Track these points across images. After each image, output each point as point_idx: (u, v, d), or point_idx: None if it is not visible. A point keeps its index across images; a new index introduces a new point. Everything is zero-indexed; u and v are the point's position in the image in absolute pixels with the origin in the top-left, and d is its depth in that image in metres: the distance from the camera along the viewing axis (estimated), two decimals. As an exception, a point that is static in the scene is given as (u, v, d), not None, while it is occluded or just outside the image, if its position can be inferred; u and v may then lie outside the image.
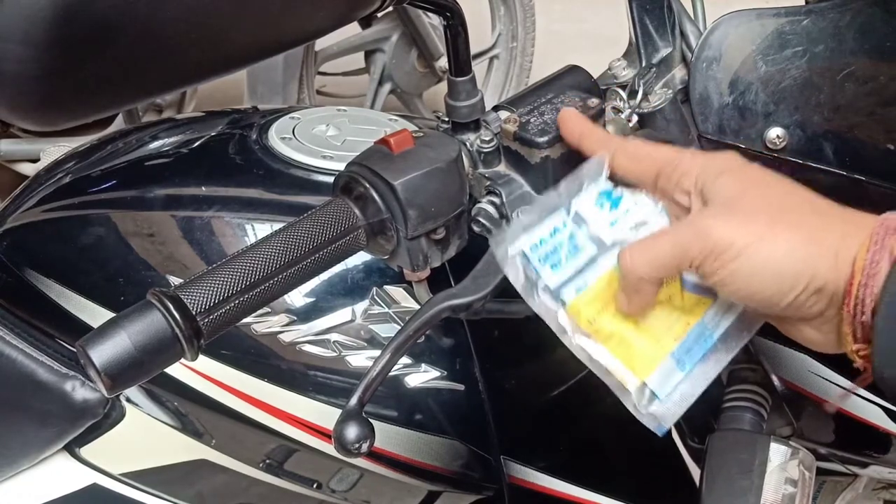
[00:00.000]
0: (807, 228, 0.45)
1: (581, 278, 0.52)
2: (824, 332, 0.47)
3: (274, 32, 0.47)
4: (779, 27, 0.59)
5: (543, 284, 0.52)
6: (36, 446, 0.76)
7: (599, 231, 0.53)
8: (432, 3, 0.57)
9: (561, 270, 0.52)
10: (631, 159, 0.53)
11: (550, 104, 0.59)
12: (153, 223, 0.73)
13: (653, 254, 0.47)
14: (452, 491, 0.74)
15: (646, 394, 0.50)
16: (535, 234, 0.53)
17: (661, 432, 0.50)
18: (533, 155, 0.56)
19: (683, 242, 0.46)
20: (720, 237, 0.45)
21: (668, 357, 0.51)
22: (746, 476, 0.61)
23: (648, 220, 0.53)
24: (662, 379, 0.51)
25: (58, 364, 0.74)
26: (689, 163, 0.51)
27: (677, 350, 0.51)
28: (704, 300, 0.52)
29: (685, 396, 0.51)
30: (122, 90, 0.43)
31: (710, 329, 0.52)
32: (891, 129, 0.57)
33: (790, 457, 0.63)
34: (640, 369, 0.51)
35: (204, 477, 0.75)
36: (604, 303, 0.52)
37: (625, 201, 0.54)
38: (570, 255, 0.53)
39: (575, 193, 0.54)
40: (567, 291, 0.52)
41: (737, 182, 0.48)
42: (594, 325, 0.51)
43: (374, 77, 2.41)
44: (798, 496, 0.62)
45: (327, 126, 0.79)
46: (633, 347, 0.51)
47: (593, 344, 0.51)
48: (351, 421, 0.49)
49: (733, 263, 0.45)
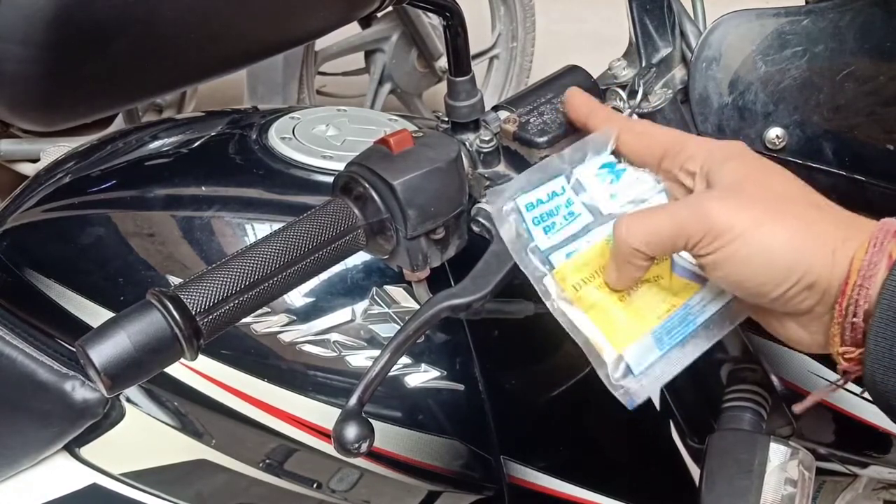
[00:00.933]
0: (806, 221, 0.45)
1: (572, 244, 0.52)
2: (811, 331, 0.46)
3: (274, 32, 0.47)
4: (779, 27, 0.59)
5: (534, 245, 0.52)
6: (36, 446, 0.76)
7: (598, 201, 0.53)
8: (432, 3, 0.57)
9: (553, 234, 0.52)
10: (637, 138, 0.53)
11: (550, 104, 0.59)
12: (153, 223, 0.73)
13: (650, 227, 0.47)
14: (452, 491, 0.74)
15: (621, 367, 0.50)
16: (532, 194, 0.52)
17: (631, 406, 0.50)
18: (532, 155, 0.56)
19: (682, 219, 0.46)
20: (719, 218, 0.45)
21: (647, 334, 0.51)
22: (746, 476, 0.62)
23: (648, 198, 0.53)
24: (639, 354, 0.50)
25: (58, 364, 0.74)
26: (695, 147, 0.51)
27: (658, 329, 0.51)
28: (692, 285, 0.52)
29: (659, 376, 0.51)
30: (122, 90, 0.43)
31: (693, 314, 0.52)
32: (891, 129, 0.57)
33: (790, 457, 0.63)
34: (618, 341, 0.50)
35: (204, 477, 0.75)
36: (591, 272, 0.51)
37: (626, 176, 0.53)
38: (564, 221, 0.52)
39: (578, 162, 0.54)
40: (556, 256, 0.52)
41: (741, 168, 0.48)
42: (579, 292, 0.51)
43: (374, 77, 2.41)
44: (798, 496, 0.62)
45: (327, 126, 0.79)
46: (614, 319, 0.51)
47: (575, 310, 0.51)
48: (350, 421, 0.49)
49: (729, 247, 0.45)
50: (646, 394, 0.50)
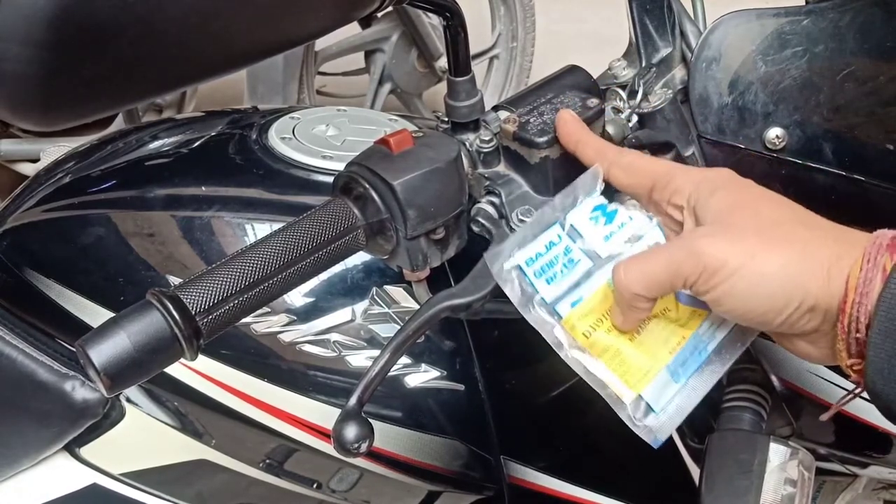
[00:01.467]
0: (798, 245, 0.45)
1: (576, 292, 0.52)
2: (819, 347, 0.47)
3: (274, 32, 0.47)
4: (779, 27, 0.59)
5: (539, 298, 0.52)
6: (36, 446, 0.76)
7: (594, 245, 0.53)
8: (432, 3, 0.57)
9: (556, 284, 0.52)
10: (626, 171, 0.54)
11: (550, 104, 0.59)
12: (153, 223, 0.73)
13: (646, 271, 0.48)
14: (452, 491, 0.74)
15: (641, 406, 0.51)
16: (530, 249, 0.53)
17: (657, 444, 0.50)
18: (532, 155, 0.56)
19: (677, 261, 0.46)
20: (712, 256, 0.45)
21: (663, 370, 0.51)
22: (746, 476, 0.62)
23: (643, 234, 0.53)
24: (658, 391, 0.51)
25: (58, 364, 0.74)
26: (682, 178, 0.51)
27: (672, 363, 0.51)
28: (699, 312, 0.52)
29: (680, 409, 0.51)
30: (122, 90, 0.43)
31: (704, 341, 0.52)
32: (891, 129, 0.57)
33: (790, 457, 0.63)
34: (635, 382, 0.51)
35: (204, 477, 0.75)
36: (599, 316, 0.52)
37: (619, 215, 0.54)
38: (565, 269, 0.53)
39: (570, 207, 0.54)
40: (562, 305, 0.52)
41: (729, 199, 0.48)
42: (590, 338, 0.51)
43: (374, 77, 2.41)
44: (797, 496, 0.62)
45: (327, 126, 0.79)
46: (628, 361, 0.51)
47: (589, 358, 0.51)
48: (350, 421, 0.49)
49: (726, 282, 0.45)
50: (670, 429, 0.51)
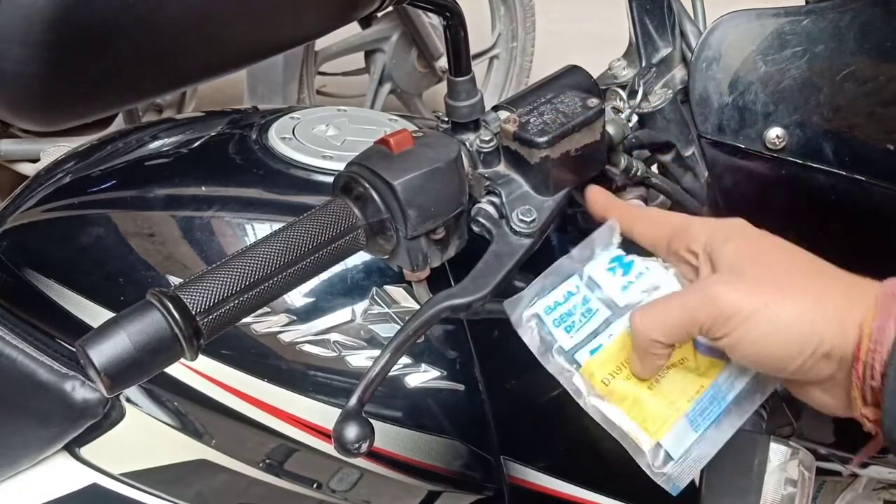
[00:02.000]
0: (812, 293, 0.46)
1: (595, 340, 0.53)
2: (834, 396, 0.47)
3: (274, 32, 0.47)
4: (779, 27, 0.59)
5: (558, 346, 0.53)
6: (36, 446, 0.76)
7: (612, 294, 0.54)
8: (432, 3, 0.57)
9: (575, 333, 0.53)
10: (647, 225, 0.55)
11: (550, 104, 0.59)
12: (153, 223, 0.73)
13: (663, 317, 0.48)
14: (452, 491, 0.74)
15: (660, 455, 0.51)
16: (549, 297, 0.54)
17: (675, 492, 0.51)
18: (532, 155, 0.56)
19: (692, 307, 0.47)
20: (727, 303, 0.46)
21: (682, 418, 0.51)
22: (746, 476, 0.62)
23: (660, 285, 0.54)
24: (677, 439, 0.51)
25: (58, 364, 0.74)
26: (698, 227, 0.52)
27: (691, 411, 0.51)
28: (717, 362, 0.52)
29: (699, 457, 0.51)
30: (122, 90, 0.42)
31: (723, 391, 0.52)
32: (891, 129, 0.57)
33: (790, 457, 0.63)
34: (654, 430, 0.51)
35: (204, 477, 0.75)
36: (618, 364, 0.52)
37: (636, 266, 0.54)
38: (583, 318, 0.54)
39: (587, 259, 0.55)
40: (581, 353, 0.53)
41: (743, 247, 0.49)
42: (608, 386, 0.52)
43: (374, 77, 2.41)
44: (798, 496, 0.62)
45: (327, 126, 0.79)
46: (647, 409, 0.51)
47: (608, 405, 0.52)
48: (351, 421, 0.49)
49: (740, 329, 0.46)
50: (688, 477, 0.51)
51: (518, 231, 0.56)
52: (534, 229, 0.55)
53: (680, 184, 0.69)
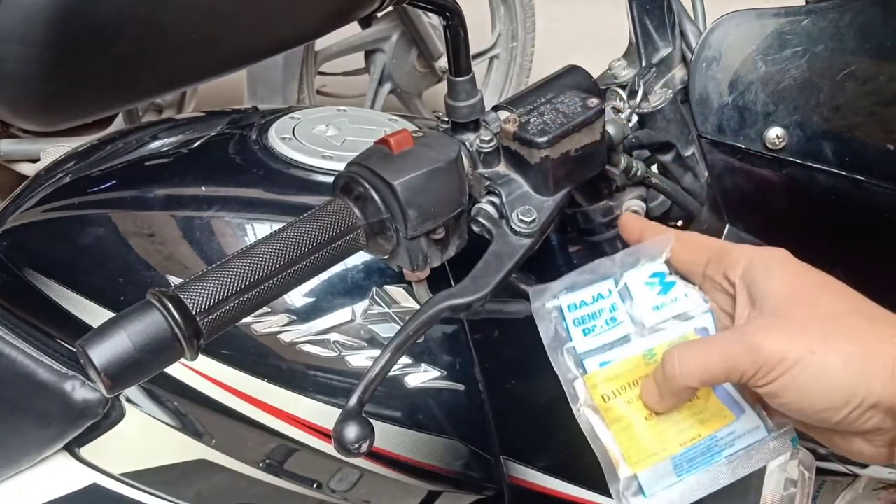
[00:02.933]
0: (860, 341, 0.44)
1: (609, 353, 0.52)
2: (876, 445, 0.46)
3: (274, 32, 0.47)
4: (779, 27, 0.59)
5: (571, 346, 0.52)
6: (36, 446, 0.76)
7: (642, 311, 0.53)
8: (432, 3, 0.57)
9: (592, 338, 0.52)
10: (684, 247, 0.53)
11: (550, 104, 0.59)
12: (153, 223, 0.73)
13: (702, 363, 0.46)
14: (452, 491, 0.74)
15: (633, 486, 0.50)
16: (577, 295, 0.53)
17: None
18: (532, 155, 0.56)
19: (734, 355, 0.45)
20: (771, 351, 0.44)
21: (668, 459, 0.50)
22: (746, 476, 0.62)
23: (694, 316, 0.52)
24: (654, 478, 0.50)
25: (58, 364, 0.74)
26: (737, 253, 0.50)
27: (679, 456, 0.50)
28: (727, 414, 0.51)
29: (671, 501, 0.50)
30: (122, 90, 0.43)
31: (720, 446, 0.50)
32: (891, 129, 0.57)
33: (790, 457, 0.63)
34: (636, 461, 0.50)
35: (204, 477, 0.75)
36: (623, 384, 0.51)
37: (676, 289, 0.53)
38: (605, 326, 0.52)
39: (629, 267, 0.54)
40: (591, 361, 0.52)
41: (786, 285, 0.47)
42: (607, 403, 0.51)
43: (374, 77, 2.41)
44: (798, 496, 0.62)
45: (327, 126, 0.79)
46: (637, 438, 0.50)
47: (600, 421, 0.51)
48: (351, 421, 0.49)
49: (784, 377, 0.44)
50: None
51: (518, 231, 0.55)
52: (534, 229, 0.55)
53: (680, 184, 0.69)
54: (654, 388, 0.49)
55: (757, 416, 0.51)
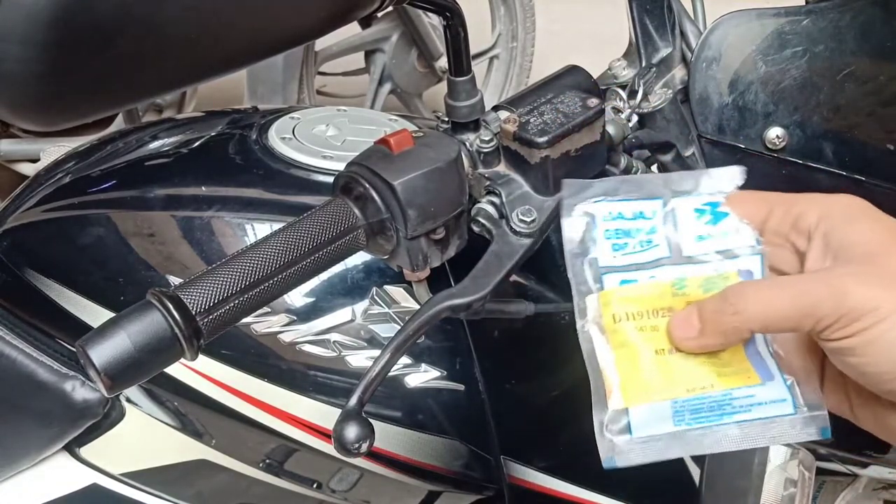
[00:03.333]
0: None
1: (633, 273, 0.47)
2: None
3: (274, 32, 0.47)
4: (779, 27, 0.59)
5: (594, 257, 0.48)
6: (36, 446, 0.76)
7: (683, 238, 0.48)
8: (432, 3, 0.57)
9: (620, 255, 0.47)
10: (741, 200, 0.48)
11: (550, 104, 0.59)
12: (153, 223, 0.73)
13: (772, 304, 0.41)
14: (452, 491, 0.74)
15: (621, 421, 0.45)
16: (617, 205, 0.48)
17: (607, 465, 0.45)
18: (533, 155, 0.56)
19: (813, 298, 0.40)
20: (862, 299, 0.39)
21: (668, 401, 0.45)
22: (746, 476, 0.62)
23: (740, 255, 0.47)
24: (648, 418, 0.45)
25: (58, 364, 0.74)
26: (807, 202, 0.45)
27: (683, 402, 0.45)
28: (752, 375, 0.45)
29: (657, 450, 0.44)
30: (122, 90, 0.43)
31: (734, 407, 0.45)
32: (891, 129, 0.57)
33: (790, 457, 0.63)
34: (631, 395, 0.45)
35: (204, 477, 0.75)
36: (640, 310, 0.46)
37: (727, 222, 0.48)
38: (639, 247, 0.47)
39: (684, 193, 0.49)
40: (611, 278, 0.47)
41: (876, 234, 0.42)
42: (616, 324, 0.46)
43: (374, 77, 2.41)
44: (798, 496, 0.62)
45: (327, 126, 0.79)
46: (639, 370, 0.45)
47: (603, 342, 0.46)
48: (351, 421, 0.49)
49: (873, 330, 0.39)
50: (632, 461, 0.45)
51: (518, 231, 0.55)
52: (534, 229, 0.55)
53: (680, 184, 0.69)
54: (695, 321, 0.44)
55: (786, 388, 0.45)
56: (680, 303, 0.46)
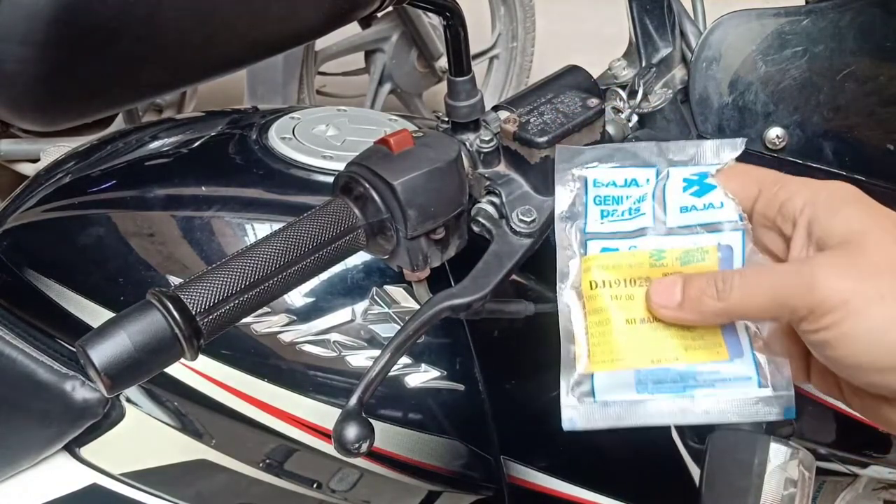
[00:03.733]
0: None
1: (616, 241, 0.47)
2: None
3: (274, 32, 0.47)
4: (779, 27, 0.59)
5: (581, 223, 0.48)
6: (36, 446, 0.76)
7: (668, 208, 0.47)
8: (432, 3, 0.57)
9: (607, 222, 0.48)
10: (733, 174, 0.47)
11: (550, 104, 0.59)
12: (153, 223, 0.73)
13: (752, 294, 0.41)
14: (452, 491, 0.74)
15: (585, 384, 0.46)
16: (609, 173, 0.48)
17: (567, 427, 0.46)
18: (533, 155, 0.56)
19: (787, 289, 0.40)
20: (832, 290, 0.38)
21: (631, 370, 0.45)
22: (746, 476, 0.62)
23: (722, 230, 0.46)
24: (611, 384, 0.45)
25: (58, 364, 0.74)
26: (796, 185, 0.44)
27: (646, 372, 0.45)
28: (721, 351, 0.45)
29: (616, 416, 0.45)
30: (122, 90, 0.43)
31: (697, 382, 0.45)
32: (891, 129, 0.57)
33: (790, 457, 0.63)
34: (598, 361, 0.46)
35: (204, 477, 0.75)
36: (618, 278, 0.46)
37: (712, 195, 0.47)
38: (627, 215, 0.48)
39: (679, 163, 0.48)
40: (594, 244, 0.48)
41: (857, 222, 0.41)
42: (593, 290, 0.46)
43: (374, 77, 2.41)
44: (798, 496, 0.62)
45: (327, 126, 0.79)
46: (609, 336, 0.46)
47: (578, 307, 0.47)
48: (351, 421, 0.49)
49: (843, 324, 0.38)
50: (591, 424, 0.46)
51: (518, 231, 0.55)
52: (534, 229, 0.55)
53: (680, 184, 0.69)
54: (677, 293, 0.44)
55: (753, 366, 0.45)
56: (657, 273, 0.46)
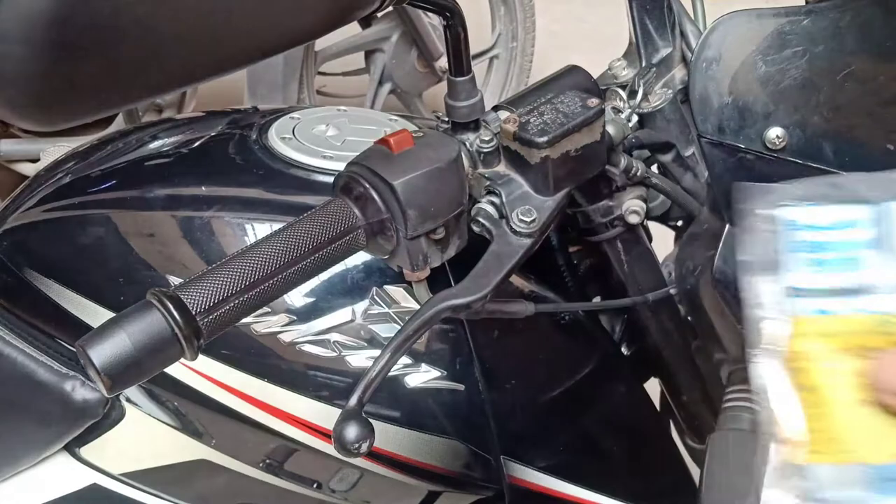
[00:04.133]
0: None
1: (832, 301, 0.38)
2: None
3: (274, 32, 0.47)
4: (779, 27, 0.59)
5: (782, 277, 0.39)
6: (36, 446, 0.76)
7: None
8: (432, 3, 0.57)
9: (818, 274, 0.39)
10: None
11: (550, 104, 0.59)
12: (153, 223, 0.73)
13: None
14: (452, 491, 0.74)
15: (795, 478, 0.36)
16: (810, 211, 0.40)
17: None
18: (532, 155, 0.56)
19: None
20: None
21: (867, 465, 0.36)
22: (746, 476, 0.62)
23: None
24: (838, 480, 0.36)
25: (58, 364, 0.74)
26: None
27: (883, 468, 0.35)
28: None
29: None
30: (122, 90, 0.42)
31: None
32: (891, 129, 0.57)
33: (790, 457, 0.62)
34: (820, 451, 0.36)
35: (204, 477, 0.75)
36: (838, 347, 0.37)
37: None
38: (841, 265, 0.39)
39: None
40: (805, 303, 0.38)
41: None
42: (803, 361, 0.37)
43: (374, 77, 2.40)
44: (798, 496, 0.62)
45: (327, 126, 0.79)
46: (833, 420, 0.36)
47: (781, 378, 0.37)
48: (351, 421, 0.49)
49: None
50: None
51: (518, 231, 0.55)
52: (534, 229, 0.55)
53: (680, 184, 0.69)
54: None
55: None
56: (887, 343, 0.38)
